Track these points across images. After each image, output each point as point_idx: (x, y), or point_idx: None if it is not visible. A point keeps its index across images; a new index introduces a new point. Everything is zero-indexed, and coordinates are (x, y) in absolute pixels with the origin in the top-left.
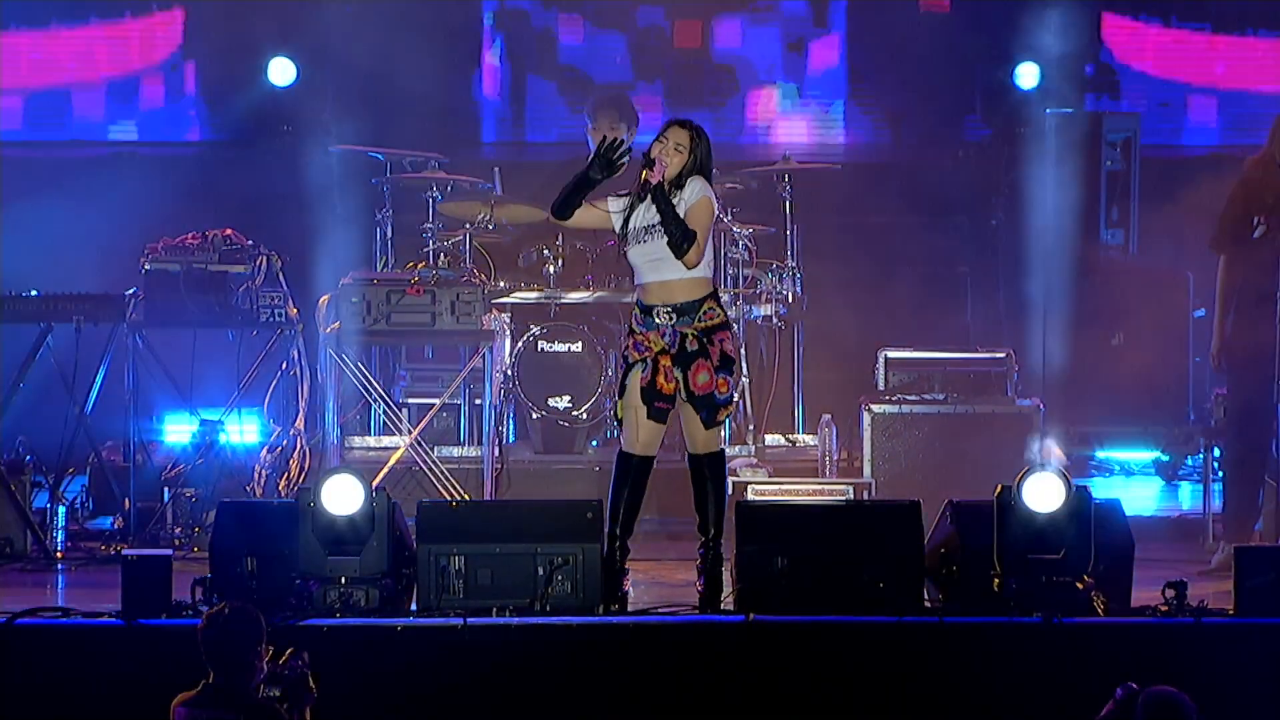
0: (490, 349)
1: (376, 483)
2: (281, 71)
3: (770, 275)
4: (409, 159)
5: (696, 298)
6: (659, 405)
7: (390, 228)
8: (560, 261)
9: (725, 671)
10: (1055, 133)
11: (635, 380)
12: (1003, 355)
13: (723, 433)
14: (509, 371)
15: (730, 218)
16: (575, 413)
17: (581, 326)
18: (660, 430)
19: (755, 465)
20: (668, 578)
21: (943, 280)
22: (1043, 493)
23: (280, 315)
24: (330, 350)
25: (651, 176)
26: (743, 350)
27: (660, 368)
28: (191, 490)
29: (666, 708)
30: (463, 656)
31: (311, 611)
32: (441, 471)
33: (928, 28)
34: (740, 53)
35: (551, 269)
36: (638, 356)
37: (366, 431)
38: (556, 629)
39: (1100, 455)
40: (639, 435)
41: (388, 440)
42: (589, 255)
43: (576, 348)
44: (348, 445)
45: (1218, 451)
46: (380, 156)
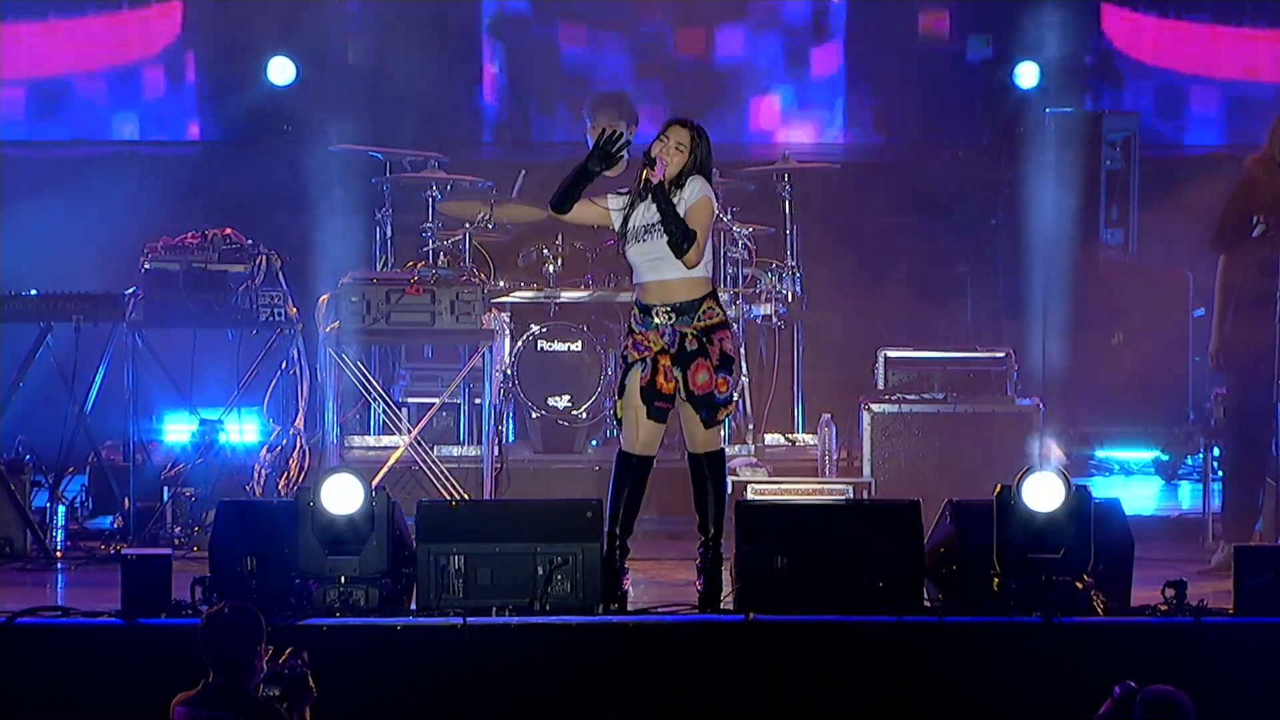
0: (490, 348)
1: (376, 482)
2: (281, 71)
3: (770, 275)
4: (409, 158)
5: (695, 297)
6: (659, 405)
7: (390, 227)
8: (560, 261)
9: (725, 671)
10: (1055, 133)
11: (635, 380)
12: (1002, 355)
13: (722, 432)
14: (509, 371)
15: (730, 217)
16: (575, 412)
17: (581, 326)
18: (660, 430)
19: (755, 465)
20: (667, 577)
21: (942, 280)
22: (1042, 492)
23: (280, 315)
24: (330, 350)
25: (653, 176)
26: (742, 350)
27: (660, 367)
28: (191, 490)
29: (666, 707)
30: (462, 656)
31: (311, 611)
32: (441, 471)
33: (927, 33)
34: (742, 59)
35: (551, 268)
36: (637, 356)
37: (366, 431)
38: (556, 629)
39: (1100, 455)
40: (639, 435)
41: (387, 440)
42: (588, 255)
43: (576, 347)
44: (347, 445)
45: (1217, 451)
46: (380, 156)
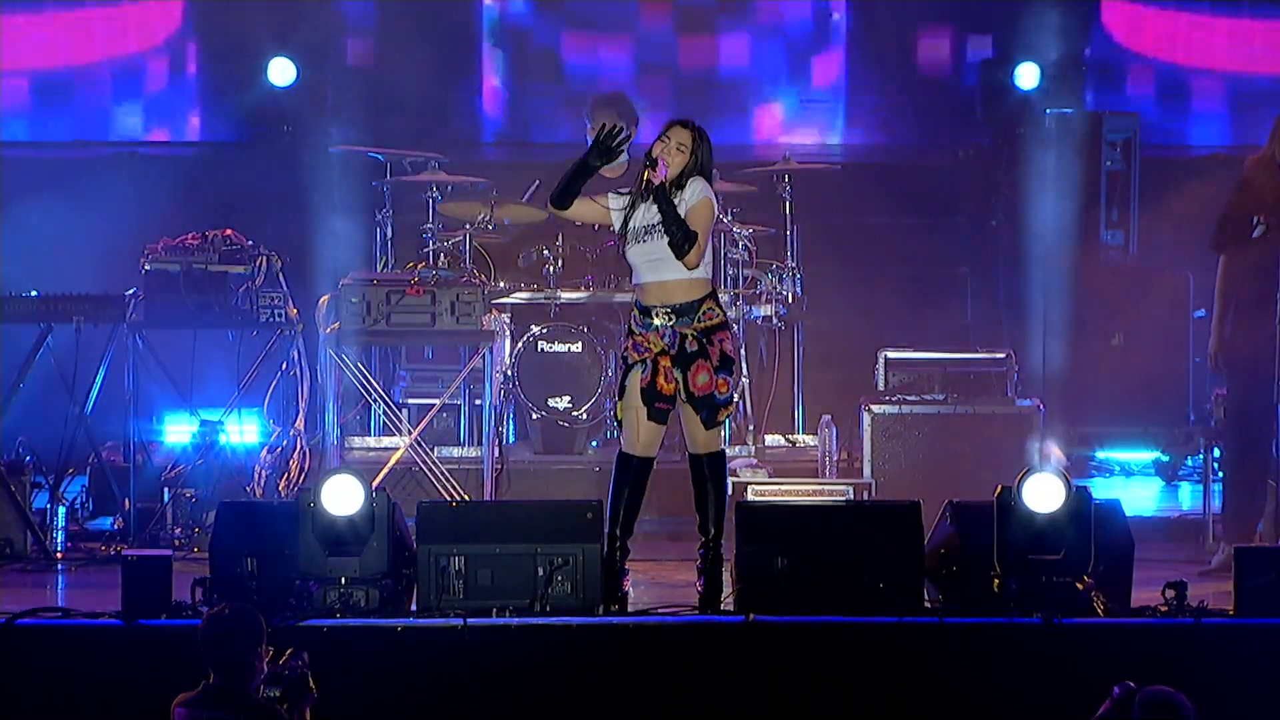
0: (490, 349)
1: (376, 483)
2: (282, 72)
3: (770, 276)
4: (409, 159)
5: (695, 298)
6: (659, 406)
7: (390, 228)
8: (560, 262)
9: (725, 672)
10: (1055, 133)
11: (635, 381)
12: (1002, 355)
13: (723, 433)
14: (509, 372)
15: (730, 218)
16: (575, 413)
17: (581, 327)
18: (660, 431)
19: (755, 465)
20: (668, 578)
21: (943, 280)
22: (1042, 493)
23: (280, 315)
24: (330, 350)
25: (654, 176)
26: (743, 350)
27: (660, 368)
28: (191, 491)
29: (666, 708)
30: (463, 657)
31: (311, 612)
32: (441, 472)
33: (927, 35)
34: (744, 65)
35: (551, 269)
36: (637, 357)
37: (366, 432)
38: (556, 629)
39: (1100, 455)
40: (639, 436)
41: (388, 441)
42: (589, 255)
43: (576, 348)
44: (348, 446)
45: (1218, 452)
46: (380, 157)
